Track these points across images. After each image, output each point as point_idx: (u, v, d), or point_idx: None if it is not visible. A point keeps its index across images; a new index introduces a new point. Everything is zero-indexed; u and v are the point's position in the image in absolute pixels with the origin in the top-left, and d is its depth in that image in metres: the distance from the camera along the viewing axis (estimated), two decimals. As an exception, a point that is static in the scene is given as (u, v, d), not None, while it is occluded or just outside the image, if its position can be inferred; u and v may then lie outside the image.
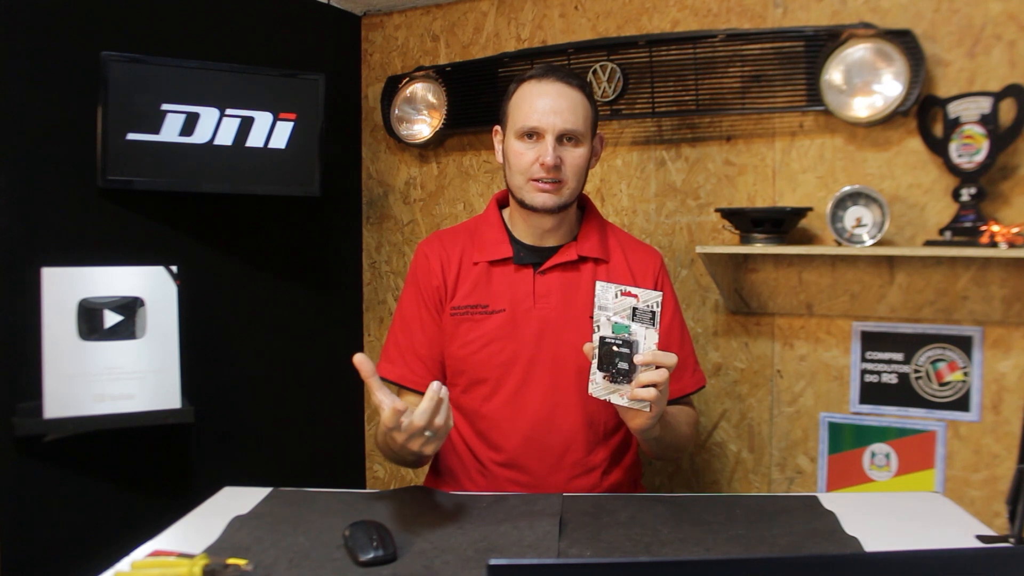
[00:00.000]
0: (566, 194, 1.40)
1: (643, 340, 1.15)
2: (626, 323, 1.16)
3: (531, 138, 1.39)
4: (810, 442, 1.97)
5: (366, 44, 2.48)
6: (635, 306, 1.15)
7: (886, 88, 1.78)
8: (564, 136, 1.38)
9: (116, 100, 1.76)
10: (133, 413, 1.71)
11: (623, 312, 1.16)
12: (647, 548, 1.09)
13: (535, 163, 1.38)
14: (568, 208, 1.44)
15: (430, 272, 1.47)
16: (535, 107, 1.38)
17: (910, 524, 1.21)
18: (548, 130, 1.37)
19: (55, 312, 1.64)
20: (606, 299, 1.17)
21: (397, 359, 1.48)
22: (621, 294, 1.16)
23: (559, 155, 1.37)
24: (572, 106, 1.38)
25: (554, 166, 1.37)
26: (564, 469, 1.42)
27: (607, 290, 1.17)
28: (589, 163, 1.44)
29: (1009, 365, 1.77)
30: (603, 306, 1.17)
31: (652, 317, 1.15)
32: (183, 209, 1.98)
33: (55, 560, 1.72)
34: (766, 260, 1.96)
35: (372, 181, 2.50)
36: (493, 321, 1.43)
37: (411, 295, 1.50)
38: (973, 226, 1.69)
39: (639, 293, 1.15)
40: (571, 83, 1.40)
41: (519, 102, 1.41)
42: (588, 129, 1.41)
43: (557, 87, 1.39)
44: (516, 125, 1.40)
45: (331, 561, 1.05)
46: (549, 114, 1.37)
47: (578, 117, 1.39)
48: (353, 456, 2.54)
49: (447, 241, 1.51)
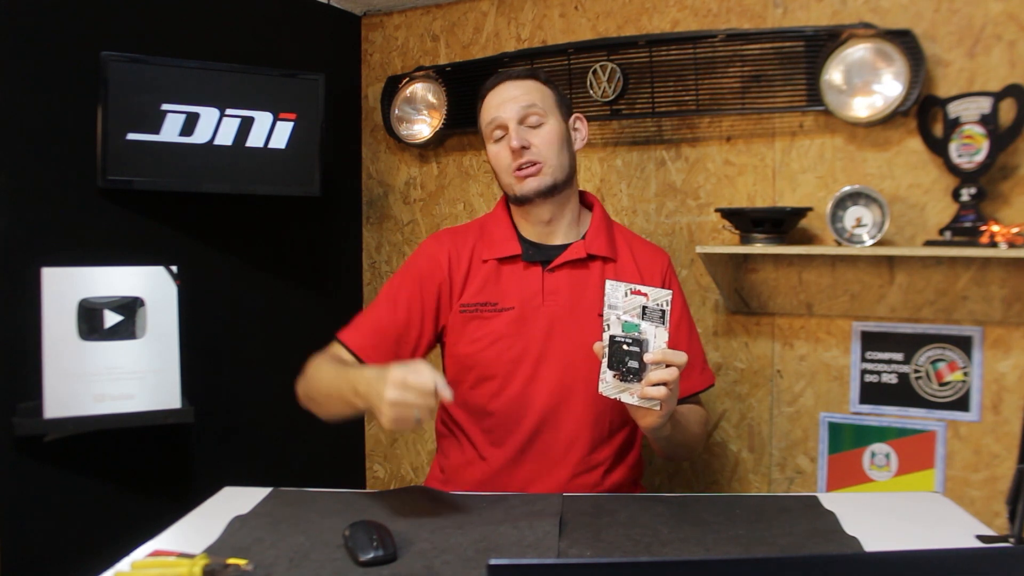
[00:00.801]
0: (548, 173, 1.42)
1: (653, 339, 1.15)
2: (636, 322, 1.16)
3: (500, 138, 1.44)
4: (810, 442, 1.97)
5: (366, 44, 2.48)
6: (645, 304, 1.15)
7: (886, 88, 1.78)
8: (524, 118, 1.42)
9: (116, 100, 1.76)
10: (133, 413, 1.72)
11: (633, 311, 1.16)
12: (647, 548, 1.09)
13: (506, 152, 1.42)
14: (561, 191, 1.44)
15: (435, 267, 1.47)
16: (490, 106, 1.45)
17: (910, 524, 1.21)
18: (507, 118, 1.42)
19: (55, 312, 1.64)
20: (616, 298, 1.16)
21: (365, 331, 1.45)
22: (631, 292, 1.15)
23: (524, 136, 1.41)
24: (524, 91, 1.44)
25: (522, 147, 1.40)
26: (568, 466, 1.42)
27: (617, 289, 1.16)
28: (567, 139, 1.46)
29: (1009, 365, 1.77)
30: (613, 305, 1.17)
31: (662, 316, 1.14)
32: (183, 209, 1.98)
33: (55, 560, 1.72)
34: (766, 260, 1.96)
35: (372, 181, 2.50)
36: (502, 319, 1.43)
37: (402, 278, 1.48)
38: (973, 226, 1.69)
39: (649, 292, 1.14)
40: (521, 76, 1.46)
41: (483, 111, 1.48)
42: (551, 106, 1.45)
43: (510, 83, 1.45)
44: (484, 130, 1.47)
45: (331, 561, 1.05)
46: (503, 105, 1.43)
47: (533, 96, 1.43)
48: (353, 456, 2.54)
49: (458, 238, 1.51)
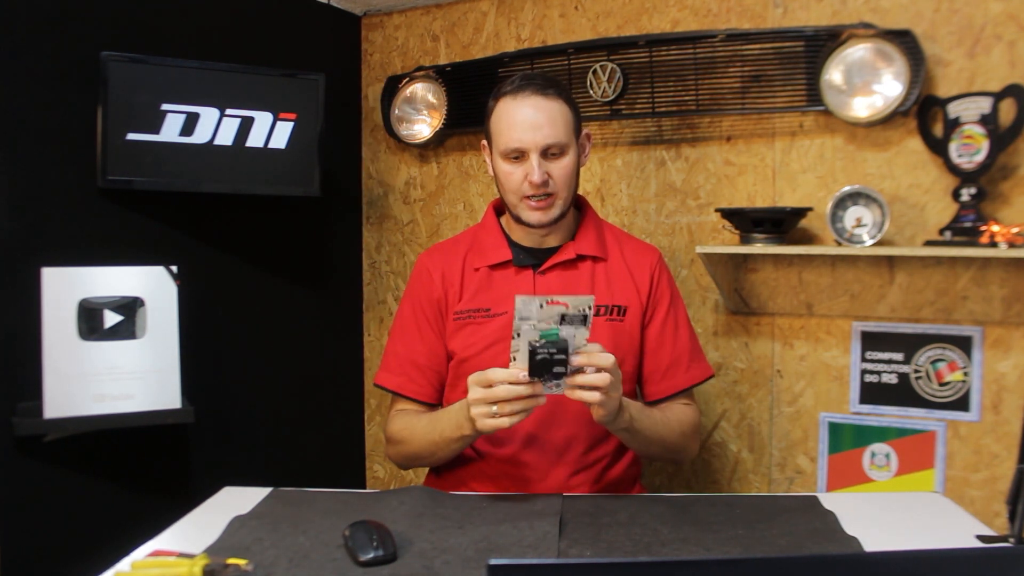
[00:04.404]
0: (559, 205, 1.41)
1: (572, 339, 1.14)
2: (554, 327, 1.14)
3: (516, 158, 1.40)
4: (810, 442, 1.97)
5: (366, 44, 2.48)
6: (564, 313, 1.13)
7: (886, 88, 1.78)
8: (548, 150, 1.38)
9: (116, 100, 1.76)
10: (133, 413, 1.71)
11: (550, 319, 1.13)
12: (647, 548, 1.09)
13: (524, 182, 1.39)
14: (563, 217, 1.45)
15: (431, 285, 1.49)
16: (514, 126, 1.38)
17: (910, 524, 1.21)
18: (531, 148, 1.37)
19: (55, 312, 1.64)
20: (529, 311, 1.13)
21: (396, 369, 1.50)
22: (547, 304, 1.12)
23: (546, 170, 1.38)
24: (551, 118, 1.38)
25: (542, 183, 1.37)
26: (566, 465, 1.42)
27: (529, 303, 1.13)
28: (578, 168, 1.44)
29: (1009, 365, 1.77)
30: (525, 317, 1.13)
31: (584, 319, 1.13)
32: (183, 209, 1.97)
33: (55, 560, 1.72)
34: (766, 260, 1.96)
35: (372, 181, 2.50)
36: (495, 323, 1.44)
37: (410, 306, 1.52)
38: (973, 226, 1.69)
39: (568, 300, 1.12)
40: (547, 93, 1.39)
41: (498, 121, 1.41)
42: (571, 136, 1.41)
43: (533, 100, 1.38)
44: (500, 146, 1.41)
45: (331, 561, 1.05)
46: (529, 131, 1.37)
47: (558, 129, 1.38)
48: (353, 456, 2.53)
49: (448, 251, 1.53)
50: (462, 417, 1.28)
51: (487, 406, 1.20)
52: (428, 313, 1.49)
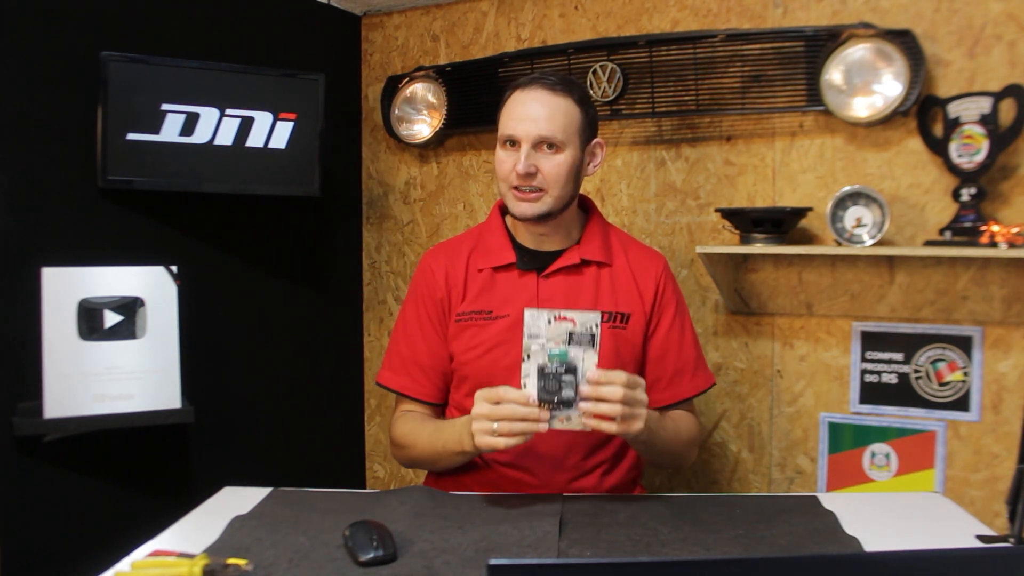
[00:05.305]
0: (548, 202, 1.39)
1: (581, 363, 1.14)
2: (562, 349, 1.13)
3: (512, 146, 1.39)
4: (810, 442, 1.97)
5: (366, 44, 2.48)
6: (572, 331, 1.12)
7: (886, 88, 1.78)
8: (541, 143, 1.37)
9: (116, 100, 1.76)
10: (133, 413, 1.71)
11: (558, 338, 1.13)
12: (647, 548, 1.09)
13: (512, 171, 1.38)
14: (555, 216, 1.42)
15: (434, 284, 1.48)
16: (513, 115, 1.39)
17: (910, 524, 1.21)
18: (523, 138, 1.37)
19: (55, 312, 1.64)
20: (537, 327, 1.13)
21: (400, 369, 1.50)
22: (555, 320, 1.12)
23: (534, 162, 1.37)
24: (550, 113, 1.37)
25: (527, 173, 1.36)
26: (566, 470, 1.42)
27: (538, 317, 1.12)
28: (578, 169, 1.42)
29: (1009, 365, 1.77)
30: (534, 334, 1.13)
31: (591, 340, 1.12)
32: (183, 209, 1.97)
33: (55, 560, 1.72)
34: (766, 260, 1.96)
35: (372, 181, 2.50)
36: (497, 326, 1.43)
37: (413, 306, 1.51)
38: (973, 226, 1.69)
39: (575, 316, 1.12)
40: (555, 89, 1.38)
41: (504, 111, 1.42)
42: (571, 136, 1.39)
43: (538, 93, 1.38)
44: (500, 134, 1.42)
45: (331, 561, 1.05)
46: (524, 121, 1.37)
47: (556, 124, 1.37)
48: (353, 456, 2.54)
49: (451, 250, 1.52)
50: (464, 431, 1.28)
51: (489, 423, 1.20)
52: (431, 312, 1.48)
